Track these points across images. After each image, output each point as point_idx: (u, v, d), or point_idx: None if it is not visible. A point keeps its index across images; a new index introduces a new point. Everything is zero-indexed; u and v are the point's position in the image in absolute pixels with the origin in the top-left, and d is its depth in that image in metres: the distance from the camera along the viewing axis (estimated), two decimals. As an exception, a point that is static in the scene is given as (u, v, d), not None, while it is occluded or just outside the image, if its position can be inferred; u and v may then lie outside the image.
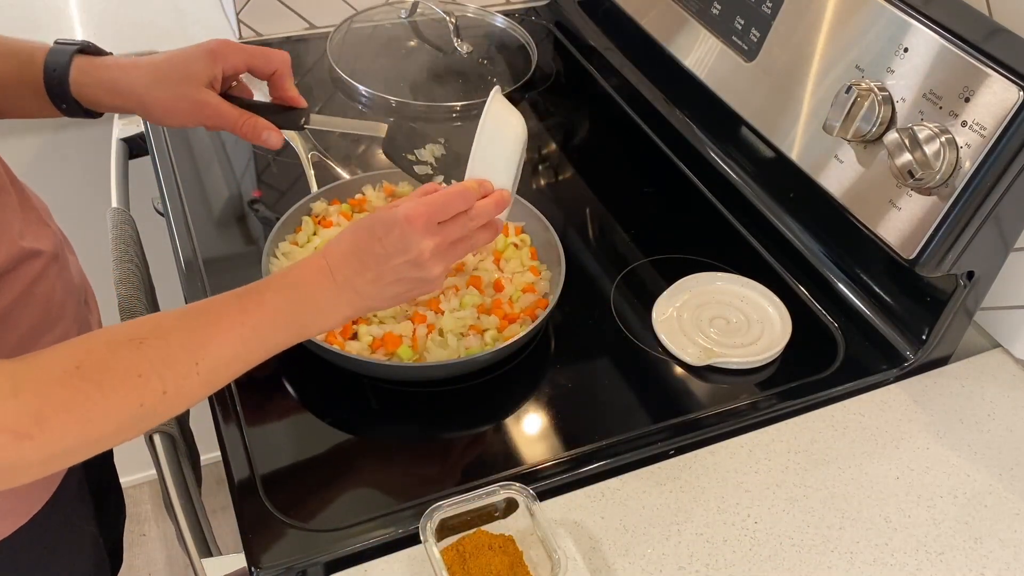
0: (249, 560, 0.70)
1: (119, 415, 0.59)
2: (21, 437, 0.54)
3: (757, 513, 0.77)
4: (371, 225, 0.71)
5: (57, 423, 0.55)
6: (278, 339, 0.68)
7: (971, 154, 0.74)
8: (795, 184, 0.99)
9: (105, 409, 0.58)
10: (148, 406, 0.60)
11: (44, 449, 0.56)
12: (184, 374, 0.61)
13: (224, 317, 0.65)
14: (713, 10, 1.03)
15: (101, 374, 0.58)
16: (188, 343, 0.62)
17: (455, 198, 0.72)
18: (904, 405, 0.87)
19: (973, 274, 0.83)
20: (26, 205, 0.78)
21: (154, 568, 1.79)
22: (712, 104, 1.03)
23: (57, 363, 0.57)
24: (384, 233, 0.70)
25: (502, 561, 0.68)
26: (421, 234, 0.70)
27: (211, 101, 0.82)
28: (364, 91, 1.24)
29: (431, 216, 0.70)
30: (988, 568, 0.73)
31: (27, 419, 0.54)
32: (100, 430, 0.58)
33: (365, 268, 0.70)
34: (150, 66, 0.81)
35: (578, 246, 1.04)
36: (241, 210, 1.06)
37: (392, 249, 0.70)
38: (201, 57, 0.81)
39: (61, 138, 1.39)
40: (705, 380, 0.88)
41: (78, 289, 0.85)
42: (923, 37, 0.78)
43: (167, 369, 0.60)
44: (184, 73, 0.81)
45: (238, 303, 0.66)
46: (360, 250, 0.70)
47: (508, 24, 1.39)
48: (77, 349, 0.59)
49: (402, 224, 0.69)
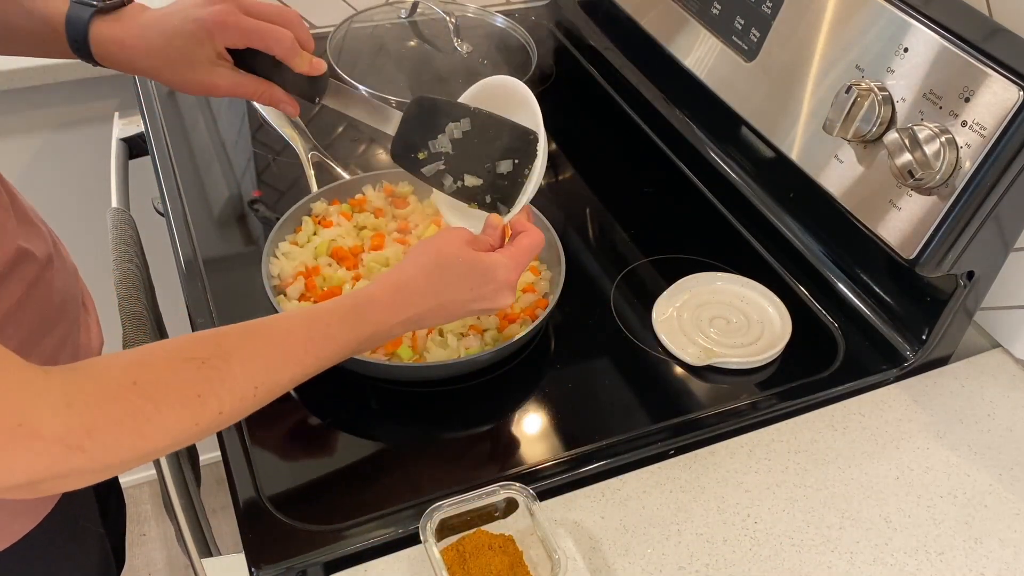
0: (249, 560, 0.70)
1: (174, 432, 0.58)
2: (72, 449, 0.53)
3: (757, 513, 0.77)
4: (464, 274, 0.72)
5: (110, 437, 0.55)
6: (333, 361, 0.68)
7: (971, 154, 0.74)
8: (795, 184, 0.99)
9: (160, 426, 0.57)
10: (203, 424, 0.59)
11: (96, 461, 0.55)
12: (242, 397, 0.61)
13: (289, 345, 0.65)
14: (713, 10, 1.03)
15: (159, 392, 0.57)
16: (250, 367, 0.62)
17: (538, 246, 0.77)
18: (904, 405, 0.87)
19: (973, 274, 0.83)
20: (17, 206, 0.78)
21: (154, 568, 1.79)
22: (712, 104, 1.03)
23: (114, 377, 0.56)
24: (479, 284, 0.72)
25: (502, 561, 0.68)
26: (512, 289, 0.74)
27: (220, 83, 0.80)
28: (364, 91, 1.23)
29: (520, 271, 0.75)
30: (988, 568, 0.73)
31: (80, 431, 0.53)
32: (153, 445, 0.57)
33: (442, 308, 0.72)
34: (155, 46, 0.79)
35: (578, 246, 1.04)
36: (241, 210, 1.06)
37: (481, 298, 0.73)
38: (197, 36, 0.78)
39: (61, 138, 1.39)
40: (705, 380, 0.88)
41: (75, 291, 0.85)
42: (923, 37, 0.78)
43: (226, 392, 0.60)
44: (185, 57, 0.79)
45: (305, 331, 0.66)
46: (443, 295, 0.72)
47: (508, 24, 1.39)
48: (135, 363, 0.58)
49: (501, 283, 0.73)
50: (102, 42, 0.79)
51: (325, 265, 0.91)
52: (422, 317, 0.71)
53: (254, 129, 0.86)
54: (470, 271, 0.72)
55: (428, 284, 0.71)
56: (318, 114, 1.21)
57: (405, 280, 0.71)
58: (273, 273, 0.89)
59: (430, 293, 0.71)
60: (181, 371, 0.59)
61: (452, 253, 0.72)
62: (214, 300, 0.92)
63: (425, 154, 0.82)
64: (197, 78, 0.80)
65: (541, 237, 0.78)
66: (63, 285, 0.81)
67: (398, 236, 0.94)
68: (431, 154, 0.82)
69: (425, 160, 0.82)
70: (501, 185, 0.81)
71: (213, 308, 0.91)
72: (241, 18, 0.78)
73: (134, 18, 0.80)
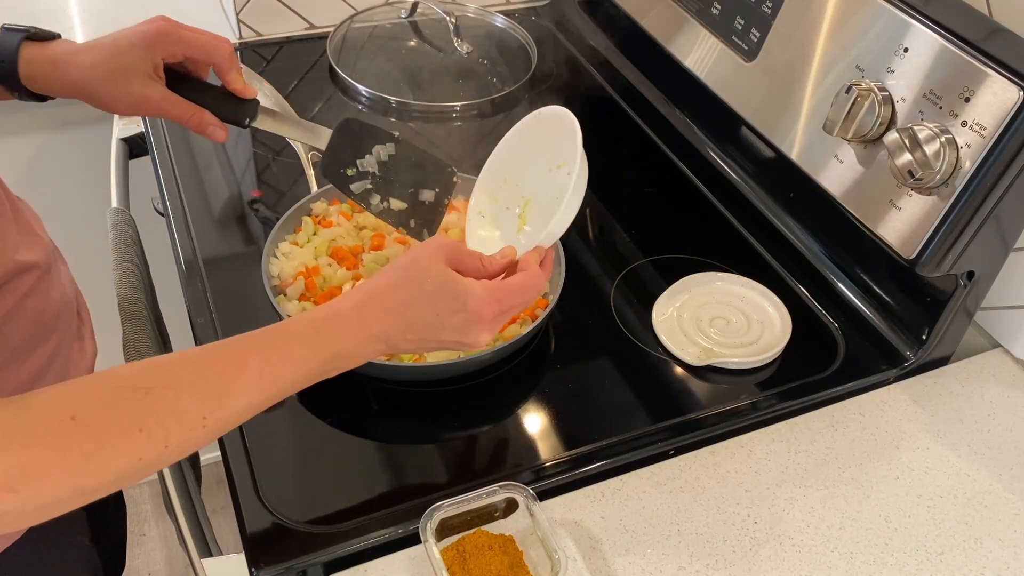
0: (249, 560, 0.70)
1: (116, 468, 0.54)
2: (4, 490, 0.50)
3: (757, 513, 0.77)
4: (432, 292, 0.66)
5: (47, 477, 0.51)
6: (297, 386, 0.63)
7: (971, 154, 0.74)
8: (795, 184, 0.98)
9: (100, 463, 0.53)
10: (147, 460, 0.55)
11: (29, 503, 0.52)
12: (190, 427, 0.57)
13: (244, 368, 0.59)
14: (713, 10, 1.03)
15: (98, 426, 0.53)
16: (199, 394, 0.57)
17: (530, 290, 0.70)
18: (904, 405, 0.87)
19: (973, 274, 0.83)
20: (20, 217, 0.78)
21: (154, 568, 1.79)
22: (712, 104, 1.03)
23: (52, 411, 0.53)
24: (447, 310, 0.66)
25: (502, 561, 0.68)
26: (486, 327, 0.68)
27: (152, 96, 0.80)
28: (364, 91, 1.24)
29: (501, 311, 0.68)
30: (988, 568, 0.73)
31: (14, 472, 0.50)
32: (94, 482, 0.54)
33: (410, 329, 0.66)
34: (91, 60, 0.79)
35: (578, 246, 1.04)
36: (241, 210, 1.06)
37: (449, 326, 0.67)
38: (138, 46, 0.79)
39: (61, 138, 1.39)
40: (705, 380, 0.88)
41: (70, 300, 0.85)
42: (923, 37, 0.78)
43: (173, 423, 0.56)
44: (123, 67, 0.79)
45: (261, 353, 0.60)
46: (409, 312, 0.66)
47: (508, 24, 1.39)
48: (76, 395, 0.54)
49: (471, 314, 0.67)
50: (33, 61, 0.79)
51: (325, 265, 0.91)
52: (391, 337, 0.65)
53: (254, 129, 0.86)
54: (438, 290, 0.66)
55: (395, 298, 0.66)
56: (318, 114, 1.21)
57: (372, 291, 0.66)
58: (273, 273, 0.89)
59: (397, 308, 0.65)
60: (123, 403, 0.54)
61: (424, 266, 0.67)
62: (214, 300, 0.92)
63: (353, 171, 0.87)
64: (132, 90, 0.79)
65: (539, 283, 0.72)
66: (59, 295, 0.81)
67: (398, 236, 0.94)
68: (359, 172, 0.87)
69: (353, 177, 0.87)
70: (424, 212, 0.87)
71: (213, 308, 0.91)
72: (182, 30, 0.81)
73: (66, 44, 0.81)
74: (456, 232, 0.94)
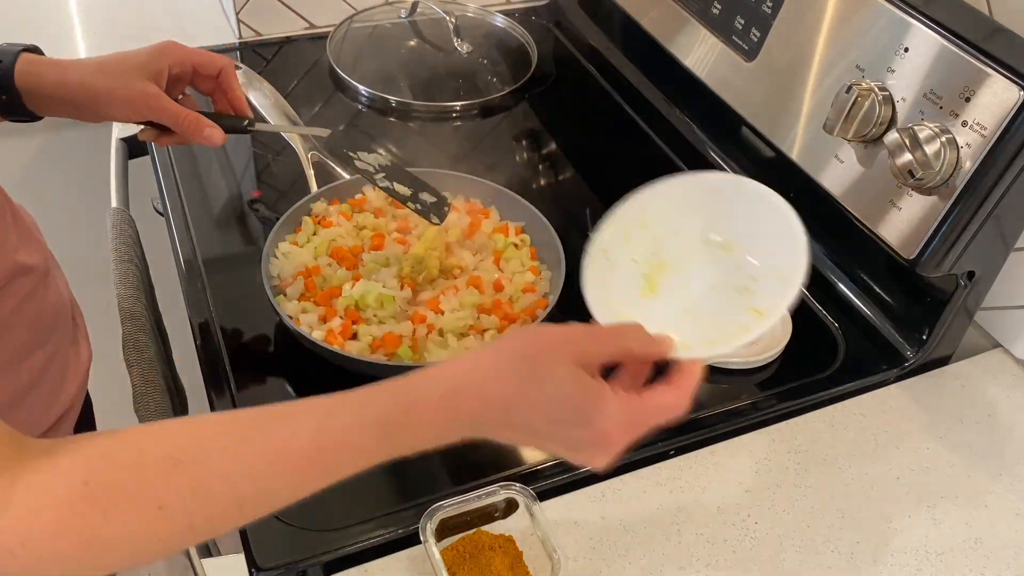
0: (249, 560, 0.70)
1: (128, 547, 0.48)
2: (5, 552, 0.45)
3: (757, 513, 0.76)
4: (553, 398, 0.53)
5: (47, 547, 0.46)
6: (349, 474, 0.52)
7: (971, 154, 0.74)
8: (795, 184, 0.98)
9: (109, 540, 0.47)
10: (169, 540, 0.48)
11: (28, 570, 0.47)
12: (222, 512, 0.49)
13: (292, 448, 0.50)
14: (713, 10, 1.03)
15: (111, 498, 0.46)
16: (233, 477, 0.49)
17: (675, 413, 0.57)
18: (904, 405, 0.87)
19: (973, 274, 0.83)
20: (19, 221, 0.78)
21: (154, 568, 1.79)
22: (712, 104, 1.03)
23: (63, 475, 0.47)
24: (565, 422, 0.54)
25: (502, 561, 0.68)
26: (610, 453, 0.55)
27: (153, 91, 0.80)
28: (364, 91, 1.24)
29: (634, 437, 0.55)
30: (988, 568, 0.73)
31: (12, 537, 0.45)
32: (105, 560, 0.48)
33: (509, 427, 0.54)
34: (95, 60, 0.81)
35: (578, 246, 1.02)
36: (241, 210, 1.06)
37: (561, 438, 0.55)
38: (146, 51, 0.81)
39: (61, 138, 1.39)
40: (705, 380, 0.88)
41: (66, 304, 0.85)
42: (923, 37, 0.78)
43: (198, 505, 0.48)
44: (128, 65, 0.80)
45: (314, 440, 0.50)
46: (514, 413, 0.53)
47: (508, 24, 1.39)
48: (93, 456, 0.48)
49: (597, 435, 0.54)
50: (33, 61, 0.79)
51: (325, 265, 0.90)
52: (481, 427, 0.54)
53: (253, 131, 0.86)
54: (563, 399, 0.53)
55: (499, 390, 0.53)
56: (318, 114, 1.21)
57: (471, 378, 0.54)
58: (273, 273, 0.89)
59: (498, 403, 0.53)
60: (146, 473, 0.47)
61: (546, 364, 0.54)
62: (214, 300, 0.92)
63: (356, 155, 0.89)
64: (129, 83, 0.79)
65: (685, 402, 0.58)
66: (56, 299, 0.81)
67: (398, 236, 0.94)
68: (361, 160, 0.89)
69: (357, 159, 0.89)
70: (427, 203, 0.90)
71: (213, 308, 0.91)
72: (187, 47, 0.84)
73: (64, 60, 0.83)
74: (456, 232, 0.94)
